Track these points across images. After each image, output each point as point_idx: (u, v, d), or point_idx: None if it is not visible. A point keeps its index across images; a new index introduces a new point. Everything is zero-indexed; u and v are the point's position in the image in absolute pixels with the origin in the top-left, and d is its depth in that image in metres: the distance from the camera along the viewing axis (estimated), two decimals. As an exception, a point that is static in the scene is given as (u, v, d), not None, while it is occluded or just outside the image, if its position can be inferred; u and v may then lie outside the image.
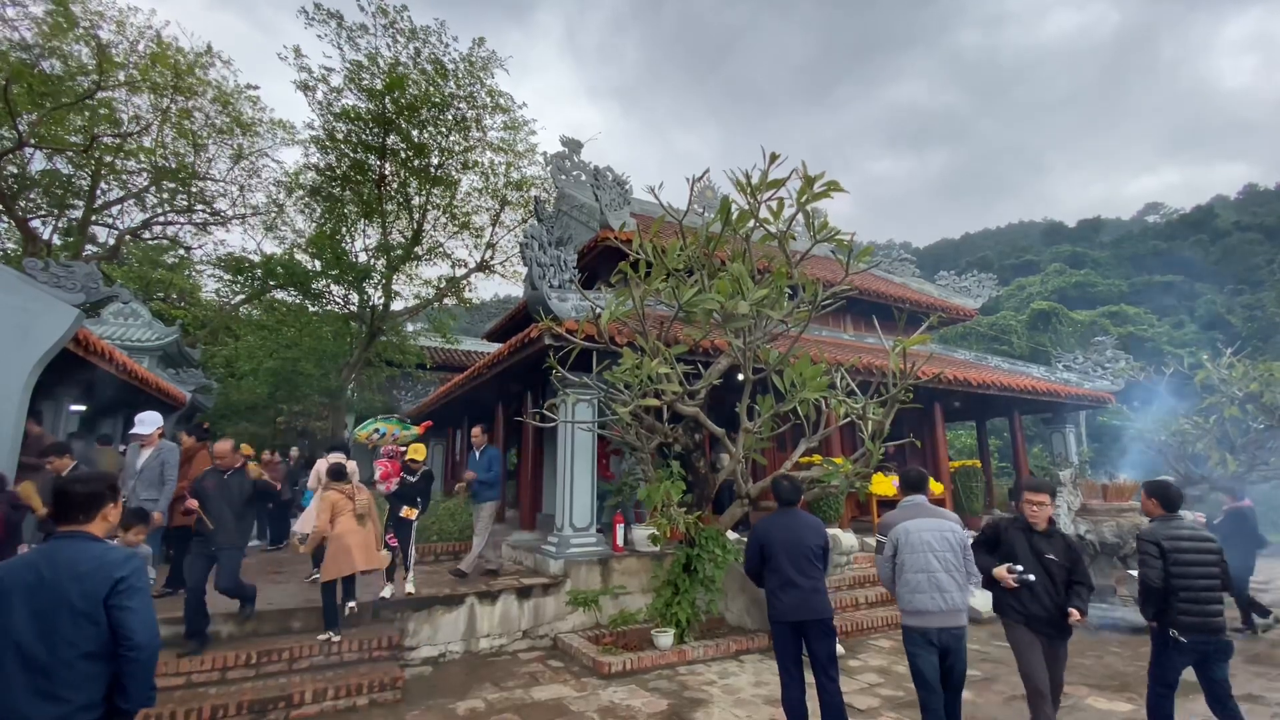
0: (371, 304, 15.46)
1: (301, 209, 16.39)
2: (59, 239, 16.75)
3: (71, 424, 9.19)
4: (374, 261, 15.27)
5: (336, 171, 15.00)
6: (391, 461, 7.28)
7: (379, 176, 14.91)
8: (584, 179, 13.16)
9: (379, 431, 8.66)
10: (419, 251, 15.94)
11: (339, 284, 15.10)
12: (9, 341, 5.91)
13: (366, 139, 14.42)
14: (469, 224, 16.50)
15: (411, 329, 18.12)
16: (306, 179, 15.77)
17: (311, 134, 14.96)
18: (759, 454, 6.89)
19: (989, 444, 15.38)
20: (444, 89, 14.54)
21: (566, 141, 13.63)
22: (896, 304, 13.48)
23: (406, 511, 6.70)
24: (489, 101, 15.33)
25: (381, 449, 8.07)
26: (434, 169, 15.34)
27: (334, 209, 15.18)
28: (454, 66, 14.71)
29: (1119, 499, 8.48)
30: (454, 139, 15.32)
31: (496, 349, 9.17)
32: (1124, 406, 14.29)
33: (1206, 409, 11.07)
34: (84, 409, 9.56)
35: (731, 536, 7.38)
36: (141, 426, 6.02)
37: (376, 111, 14.06)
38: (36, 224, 16.26)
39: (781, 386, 5.85)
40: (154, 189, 17.33)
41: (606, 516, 8.29)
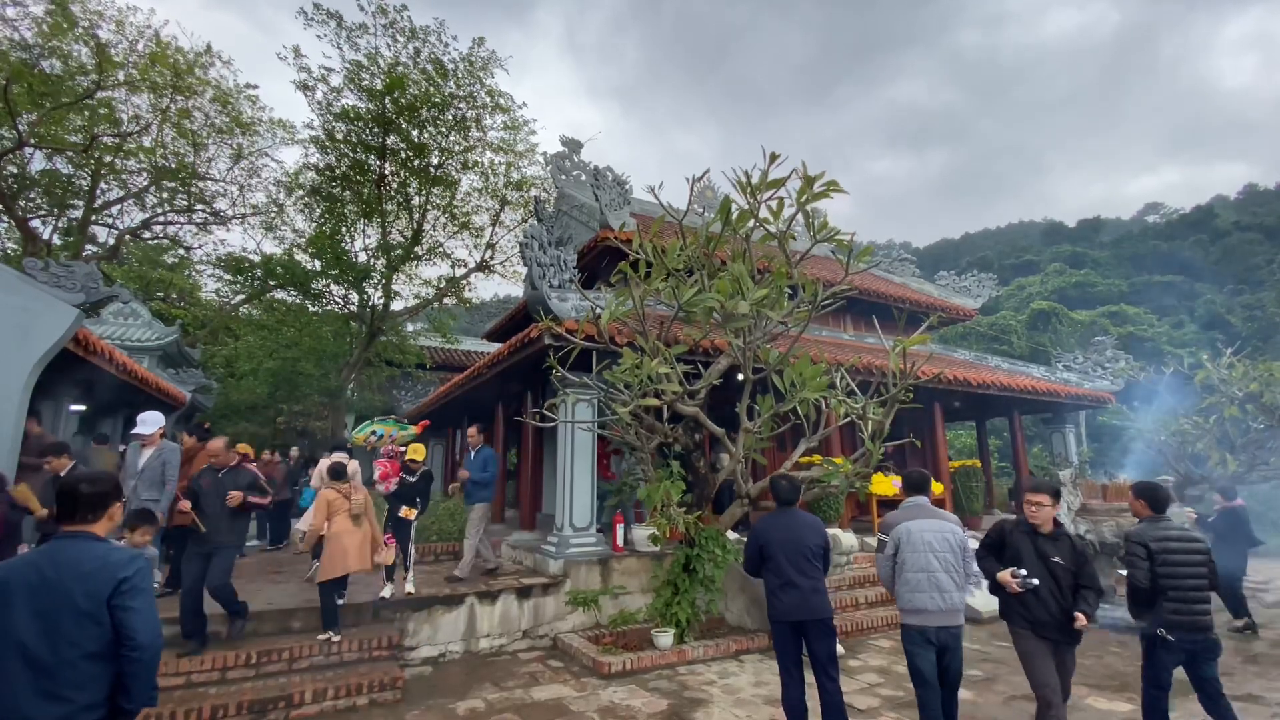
0: (371, 304, 15.48)
1: (301, 209, 16.41)
2: (59, 239, 16.77)
3: (71, 424, 9.19)
4: (374, 261, 15.28)
5: (336, 171, 15.01)
6: (391, 462, 7.27)
7: (379, 176, 14.93)
8: (584, 179, 13.16)
9: (376, 433, 8.66)
10: (419, 251, 15.96)
11: (339, 284, 15.13)
12: (9, 341, 5.91)
13: (366, 139, 14.44)
14: (469, 224, 16.53)
15: (411, 329, 18.12)
16: (306, 179, 15.79)
17: (311, 134, 15.01)
18: (759, 454, 6.89)
19: (989, 444, 15.40)
20: (444, 89, 14.57)
21: (566, 141, 13.63)
22: (896, 304, 13.48)
23: (405, 511, 6.70)
24: (489, 101, 15.37)
25: (381, 450, 8.06)
26: (434, 169, 15.36)
27: (334, 209, 15.19)
28: (454, 66, 14.75)
29: (1119, 499, 8.49)
30: (454, 139, 15.36)
31: (496, 349, 9.16)
32: (1124, 406, 14.29)
33: (1206, 409, 11.09)
34: (84, 409, 9.56)
35: (731, 536, 7.38)
36: (143, 426, 6.02)
37: (376, 111, 14.08)
38: (36, 224, 16.28)
39: (781, 386, 5.85)
40: (154, 189, 17.34)
41: (606, 516, 8.28)
